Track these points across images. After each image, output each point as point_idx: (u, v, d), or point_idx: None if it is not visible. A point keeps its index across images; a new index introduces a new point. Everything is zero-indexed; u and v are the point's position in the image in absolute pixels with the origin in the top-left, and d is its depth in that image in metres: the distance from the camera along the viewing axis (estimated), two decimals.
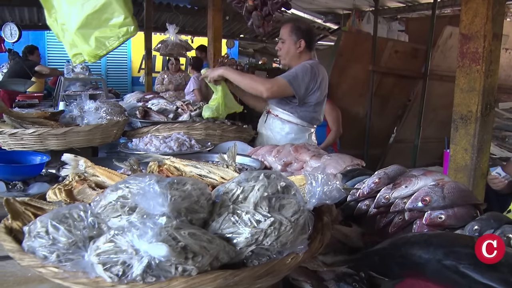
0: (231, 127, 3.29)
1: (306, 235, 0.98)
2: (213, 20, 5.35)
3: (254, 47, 13.88)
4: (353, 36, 6.23)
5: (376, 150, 6.59)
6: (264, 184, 0.97)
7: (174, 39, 5.93)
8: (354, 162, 1.98)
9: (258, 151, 2.46)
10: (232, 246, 0.91)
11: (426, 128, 6.30)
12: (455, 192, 1.51)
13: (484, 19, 2.52)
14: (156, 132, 3.14)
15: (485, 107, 2.58)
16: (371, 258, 1.29)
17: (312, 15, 10.46)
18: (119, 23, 2.48)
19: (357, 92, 6.25)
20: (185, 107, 4.11)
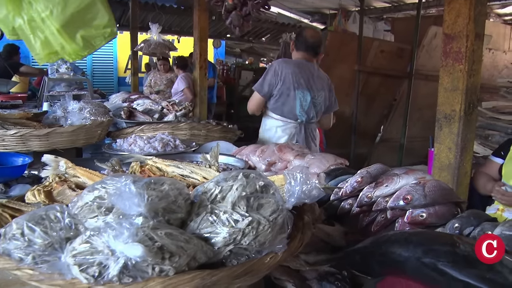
0: (216, 127, 3.28)
1: (285, 234, 0.97)
2: (199, 20, 5.32)
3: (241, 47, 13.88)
4: (339, 36, 6.25)
5: (363, 149, 6.62)
6: (242, 183, 0.97)
7: (157, 38, 5.89)
8: (337, 161, 1.98)
9: (242, 151, 2.46)
10: (210, 246, 0.90)
11: (412, 127, 6.34)
12: (436, 190, 1.52)
13: (467, 19, 2.53)
14: (141, 133, 3.12)
15: (468, 106, 2.60)
16: (353, 257, 1.29)
17: (299, 15, 10.49)
18: (103, 24, 2.47)
19: (343, 92, 6.26)
20: (171, 107, 4.10)
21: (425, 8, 7.35)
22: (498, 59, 7.07)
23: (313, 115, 3.47)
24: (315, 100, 3.43)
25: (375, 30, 8.01)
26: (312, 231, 1.46)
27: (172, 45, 6.21)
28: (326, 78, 3.53)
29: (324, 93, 3.45)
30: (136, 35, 8.22)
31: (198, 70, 5.45)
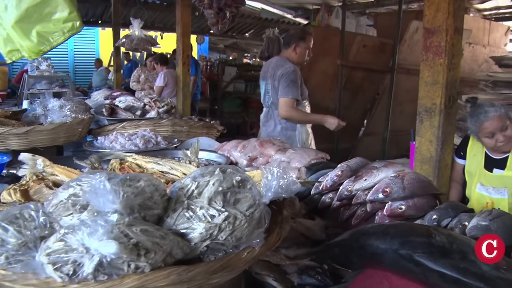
0: (198, 123, 3.28)
1: (263, 229, 0.98)
2: (181, 15, 5.28)
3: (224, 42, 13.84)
4: (322, 31, 6.26)
5: (346, 144, 6.66)
6: (219, 178, 0.97)
7: (139, 33, 5.84)
8: (318, 156, 1.99)
9: (224, 147, 2.46)
10: (187, 242, 0.90)
11: (394, 121, 6.39)
12: (415, 183, 1.53)
13: (446, 14, 2.55)
14: (122, 130, 3.11)
15: (448, 99, 2.62)
16: (332, 250, 1.30)
17: (282, 10, 10.49)
18: (63, 18, 2.36)
19: (327, 86, 6.29)
20: (153, 104, 4.08)
21: (407, 3, 7.40)
22: (478, 53, 7.16)
23: (268, 100, 3.72)
24: (267, 88, 3.69)
25: (358, 25, 8.04)
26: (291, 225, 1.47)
27: (154, 41, 6.17)
28: (282, 68, 3.55)
29: (272, 82, 3.58)
30: (119, 31, 8.14)
31: (181, 67, 5.42)
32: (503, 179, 2.53)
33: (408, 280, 1.08)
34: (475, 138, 2.69)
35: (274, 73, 3.57)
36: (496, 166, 2.59)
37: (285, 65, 3.55)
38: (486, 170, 2.61)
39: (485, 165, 2.63)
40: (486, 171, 2.61)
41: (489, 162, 2.63)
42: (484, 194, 2.60)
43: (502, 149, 2.62)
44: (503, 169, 2.54)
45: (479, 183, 2.62)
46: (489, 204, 2.57)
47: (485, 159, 2.65)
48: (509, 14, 8.76)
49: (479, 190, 2.62)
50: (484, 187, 2.60)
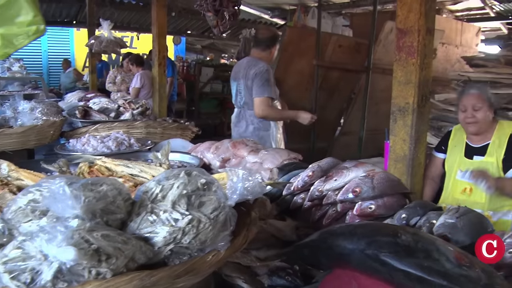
0: (173, 124, 3.26)
1: (228, 231, 0.97)
2: (157, 16, 5.25)
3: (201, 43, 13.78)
4: (298, 31, 6.26)
5: (323, 143, 6.68)
6: (184, 181, 0.96)
7: (108, 35, 5.77)
8: (291, 156, 2.00)
9: (197, 148, 2.45)
10: (150, 246, 0.89)
11: (370, 120, 6.43)
12: (384, 182, 1.55)
13: (418, 15, 2.58)
14: (95, 132, 3.07)
15: (421, 98, 2.65)
16: (302, 251, 1.30)
17: (259, 10, 10.49)
18: (27, 21, 2.33)
19: (303, 86, 6.30)
20: (127, 105, 4.04)
21: (382, 3, 7.47)
22: (451, 53, 7.27)
23: (240, 100, 3.74)
24: (239, 88, 3.70)
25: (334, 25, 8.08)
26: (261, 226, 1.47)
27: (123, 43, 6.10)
28: (255, 67, 3.56)
29: (244, 81, 3.59)
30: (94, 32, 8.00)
31: (157, 67, 5.39)
32: (482, 164, 2.58)
33: (376, 279, 1.09)
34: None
35: (247, 73, 3.57)
36: (477, 154, 2.64)
37: (258, 64, 3.56)
38: (466, 158, 2.66)
39: (466, 153, 2.68)
40: (467, 159, 2.65)
41: (469, 151, 2.68)
42: (464, 181, 2.64)
43: (468, 128, 2.68)
44: (483, 156, 2.59)
45: (459, 170, 2.67)
46: (467, 189, 2.62)
47: (466, 148, 2.70)
48: (480, 16, 8.92)
49: (459, 177, 2.67)
50: (463, 173, 2.63)
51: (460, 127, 2.79)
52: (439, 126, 4.29)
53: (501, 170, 2.53)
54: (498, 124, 2.64)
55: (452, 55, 7.28)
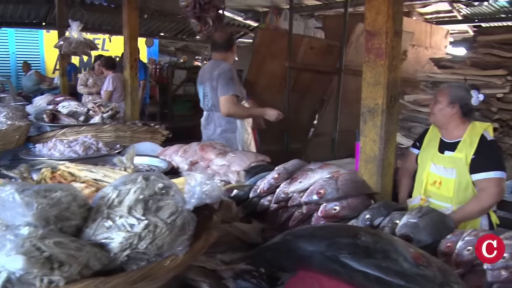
0: (142, 128, 3.22)
1: (186, 235, 0.96)
2: (128, 18, 5.17)
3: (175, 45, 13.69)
4: (270, 33, 6.28)
5: (297, 145, 6.70)
6: (141, 186, 0.95)
7: (78, 36, 5.68)
8: (258, 159, 2.00)
9: (166, 152, 2.43)
10: (106, 252, 0.88)
11: (343, 121, 6.50)
12: (349, 183, 1.56)
13: (386, 17, 2.60)
14: (63, 136, 3.01)
15: (390, 99, 2.68)
16: (265, 254, 1.30)
17: (233, 12, 10.49)
18: None
19: (275, 88, 6.32)
20: (97, 109, 3.98)
21: (353, 6, 7.55)
22: (421, 55, 7.40)
23: (207, 104, 3.76)
24: (205, 91, 3.73)
25: (306, 27, 8.14)
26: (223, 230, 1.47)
27: (94, 44, 6.02)
28: (218, 67, 3.61)
29: (210, 83, 3.62)
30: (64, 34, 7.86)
31: (128, 70, 5.31)
32: (452, 159, 2.65)
33: (337, 281, 1.10)
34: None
35: (211, 75, 3.61)
36: (448, 149, 2.71)
37: (221, 65, 3.61)
38: (439, 153, 2.74)
39: (439, 148, 2.76)
40: (439, 153, 2.74)
41: (443, 146, 2.76)
42: (435, 173, 2.72)
43: (430, 119, 2.85)
44: (453, 152, 2.66)
45: (432, 163, 2.74)
46: (437, 182, 2.69)
47: (439, 143, 2.78)
48: (448, 18, 9.12)
49: (431, 169, 2.74)
50: (436, 166, 2.71)
51: None
52: (409, 127, 4.36)
53: (468, 167, 2.60)
54: (471, 124, 2.71)
55: (422, 57, 7.40)
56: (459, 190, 2.60)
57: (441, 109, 2.73)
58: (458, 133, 2.71)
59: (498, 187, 2.53)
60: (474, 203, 2.55)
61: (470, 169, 2.59)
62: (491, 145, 2.64)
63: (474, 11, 8.57)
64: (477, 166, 2.57)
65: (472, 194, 2.60)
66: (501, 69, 3.92)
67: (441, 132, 2.81)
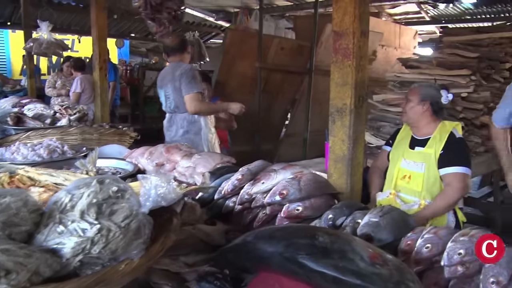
0: (110, 130, 3.18)
1: (142, 239, 0.95)
2: (96, 18, 5.10)
3: (146, 46, 13.54)
4: (239, 34, 6.28)
5: (269, 145, 6.71)
6: (95, 190, 0.93)
7: (48, 37, 5.58)
8: (224, 160, 2.00)
9: (132, 154, 2.40)
10: (58, 258, 0.86)
11: (315, 121, 6.53)
12: (312, 183, 1.57)
13: (353, 17, 2.63)
14: (27, 140, 2.95)
15: (358, 99, 2.70)
16: (226, 255, 1.30)
17: (204, 13, 10.45)
18: None
19: (246, 89, 6.32)
20: (64, 111, 3.92)
21: (324, 6, 7.60)
22: (390, 55, 7.50)
23: (170, 105, 3.82)
24: (167, 94, 3.80)
25: (277, 27, 8.18)
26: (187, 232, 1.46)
27: (65, 45, 5.92)
28: (179, 68, 3.71)
29: (172, 84, 3.70)
30: (30, 34, 7.70)
31: (97, 71, 5.24)
32: (422, 154, 2.73)
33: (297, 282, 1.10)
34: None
35: (173, 76, 3.69)
36: (418, 145, 2.79)
37: (181, 65, 3.72)
38: (409, 149, 2.82)
39: (410, 144, 2.84)
40: (410, 149, 2.82)
41: (413, 142, 2.84)
42: (405, 168, 2.79)
43: (402, 118, 2.96)
44: (423, 147, 2.74)
45: (403, 158, 2.81)
46: (406, 177, 2.76)
47: (411, 140, 2.86)
48: (416, 19, 9.29)
49: (402, 165, 2.81)
50: (406, 161, 2.79)
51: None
52: (378, 126, 4.41)
53: (436, 162, 2.67)
54: (441, 123, 2.80)
55: (392, 57, 7.51)
56: (427, 185, 2.69)
57: (412, 107, 2.81)
58: (429, 131, 2.80)
59: (463, 182, 2.62)
60: (441, 198, 2.64)
61: (438, 164, 2.67)
62: (459, 143, 2.73)
63: (441, 13, 8.75)
64: (445, 161, 2.66)
65: (440, 189, 2.68)
66: (465, 69, 4.01)
67: (412, 130, 2.89)
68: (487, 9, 7.93)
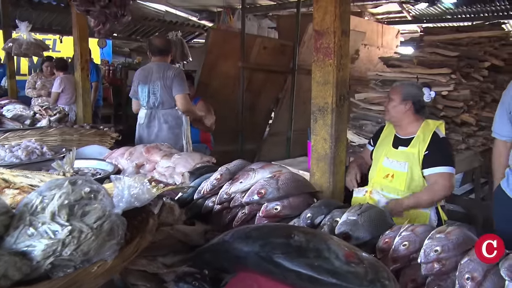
0: (90, 131, 3.14)
1: (115, 240, 0.94)
2: (77, 18, 5.05)
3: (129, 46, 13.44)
4: (222, 33, 6.24)
5: (252, 145, 6.71)
6: (66, 191, 0.92)
7: (28, 37, 5.51)
8: (204, 160, 1.99)
9: (112, 155, 2.38)
10: (27, 261, 0.84)
11: (298, 120, 6.55)
12: (290, 182, 1.57)
13: (333, 17, 2.64)
14: (5, 141, 2.90)
15: (339, 98, 2.71)
16: (204, 255, 1.29)
17: (187, 12, 10.40)
18: None
19: (229, 89, 6.30)
20: (44, 112, 3.86)
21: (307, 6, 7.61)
22: (372, 54, 7.55)
23: (154, 101, 3.97)
24: (154, 90, 3.95)
25: (259, 27, 8.17)
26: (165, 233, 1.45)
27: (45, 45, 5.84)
28: (171, 69, 3.99)
29: (162, 82, 3.89)
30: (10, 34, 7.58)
31: (79, 72, 5.20)
32: (404, 154, 2.74)
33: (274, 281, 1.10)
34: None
35: (164, 74, 3.89)
36: (402, 145, 2.80)
37: (172, 66, 4.06)
38: (393, 148, 2.82)
39: (393, 144, 2.85)
40: (393, 148, 2.82)
41: (396, 141, 2.84)
42: (388, 167, 2.80)
43: (385, 116, 2.96)
44: (407, 147, 2.75)
45: (386, 157, 2.82)
46: (389, 175, 2.77)
47: (394, 139, 2.87)
48: (399, 19, 9.37)
49: (384, 163, 2.82)
50: (389, 160, 2.80)
51: None
52: (360, 125, 4.43)
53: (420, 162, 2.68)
54: (424, 122, 2.81)
55: (374, 56, 7.55)
56: (410, 184, 2.70)
57: (395, 106, 2.82)
58: (412, 130, 2.81)
59: (449, 182, 2.64)
60: (427, 192, 2.65)
61: (422, 164, 2.68)
62: (443, 142, 2.74)
63: (423, 12, 8.84)
64: (430, 162, 2.67)
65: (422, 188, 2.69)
66: (446, 68, 4.05)
67: (395, 129, 2.90)
68: (467, 9, 8.03)
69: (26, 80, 8.42)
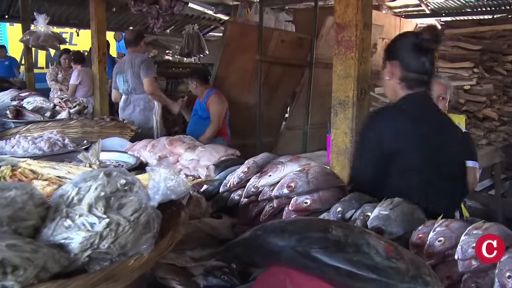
0: (110, 123, 3.14)
1: (151, 233, 0.92)
2: (95, 12, 5.10)
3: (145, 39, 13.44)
4: (239, 26, 6.20)
5: (269, 138, 6.68)
6: (102, 183, 0.90)
7: (45, 30, 5.54)
8: (228, 152, 1.97)
9: (134, 147, 2.37)
10: (65, 253, 0.83)
11: (315, 114, 6.51)
12: (319, 176, 1.54)
13: (355, 9, 2.61)
14: (27, 133, 2.91)
15: (360, 92, 2.69)
16: (234, 250, 1.27)
17: (203, 6, 10.38)
18: None
19: (246, 82, 6.27)
20: (63, 104, 3.88)
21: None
22: None
23: (127, 88, 4.63)
24: (126, 78, 4.60)
25: (277, 20, 8.11)
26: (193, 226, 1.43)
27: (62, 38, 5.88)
28: (139, 57, 4.59)
29: (132, 70, 4.52)
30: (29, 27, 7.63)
31: (96, 65, 5.24)
32: None
33: (308, 276, 1.07)
34: None
35: (133, 63, 4.49)
36: None
37: (139, 55, 4.64)
38: None
39: None
40: None
41: None
42: None
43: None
44: None
45: None
46: None
47: None
48: (417, 12, 9.25)
49: None
50: None
51: None
52: None
53: None
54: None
55: None
56: None
57: (444, 106, 2.75)
58: None
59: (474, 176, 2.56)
60: None
61: None
62: (465, 137, 2.67)
63: (441, 6, 8.71)
64: None
65: None
66: (468, 62, 3.99)
67: None
68: (487, 2, 7.89)
69: (43, 73, 8.50)
